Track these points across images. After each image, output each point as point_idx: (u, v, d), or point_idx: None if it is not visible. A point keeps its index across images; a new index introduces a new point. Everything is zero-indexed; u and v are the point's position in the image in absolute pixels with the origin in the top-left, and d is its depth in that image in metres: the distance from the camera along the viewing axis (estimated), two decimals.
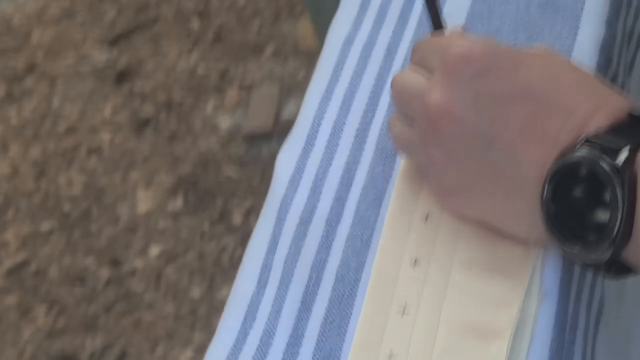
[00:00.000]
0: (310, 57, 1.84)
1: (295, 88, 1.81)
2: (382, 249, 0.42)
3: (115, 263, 1.61)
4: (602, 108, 0.35)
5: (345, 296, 0.42)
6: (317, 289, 0.43)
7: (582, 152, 0.33)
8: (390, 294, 0.41)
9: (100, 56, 2.01)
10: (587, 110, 0.35)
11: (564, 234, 0.35)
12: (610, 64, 0.49)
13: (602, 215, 0.33)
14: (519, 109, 0.36)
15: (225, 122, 1.80)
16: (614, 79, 0.50)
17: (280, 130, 1.74)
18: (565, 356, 0.39)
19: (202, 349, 1.45)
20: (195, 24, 2.02)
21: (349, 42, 0.54)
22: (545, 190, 0.35)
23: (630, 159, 0.33)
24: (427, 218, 0.42)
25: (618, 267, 0.35)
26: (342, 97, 0.51)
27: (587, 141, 0.34)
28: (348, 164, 0.47)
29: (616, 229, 0.32)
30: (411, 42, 0.52)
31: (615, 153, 0.33)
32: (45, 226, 1.71)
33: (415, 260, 0.41)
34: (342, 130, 0.49)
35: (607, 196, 0.33)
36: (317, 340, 0.41)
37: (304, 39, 1.89)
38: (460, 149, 0.37)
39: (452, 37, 0.39)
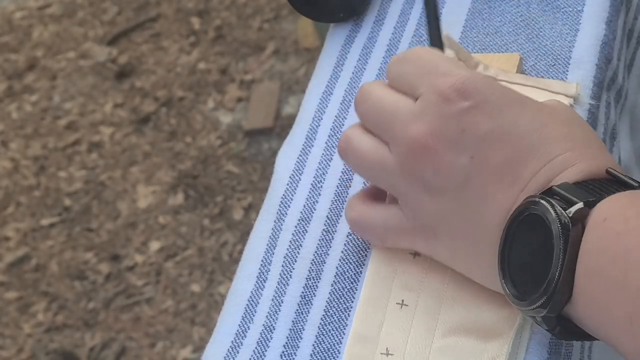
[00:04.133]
0: (311, 55, 1.84)
1: (295, 85, 1.81)
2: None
3: (115, 258, 1.62)
4: (580, 161, 0.34)
5: (345, 292, 0.42)
6: (317, 285, 0.43)
7: (540, 200, 0.32)
8: (388, 291, 0.41)
9: (101, 53, 2.01)
10: (565, 161, 0.34)
11: (515, 285, 0.34)
12: (610, 63, 0.49)
13: (544, 269, 0.32)
14: (500, 150, 0.35)
15: (225, 119, 1.80)
16: (613, 78, 0.50)
17: (280, 127, 1.74)
18: (565, 353, 0.39)
19: (201, 344, 1.45)
20: (195, 21, 2.02)
21: (349, 40, 0.54)
22: (502, 238, 0.34)
23: (583, 214, 0.31)
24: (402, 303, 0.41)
25: (568, 328, 0.33)
26: (342, 94, 0.51)
27: (550, 191, 0.33)
28: None
29: (553, 284, 0.31)
30: (411, 42, 0.52)
31: (570, 206, 0.31)
32: (45, 221, 1.71)
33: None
34: (342, 127, 0.49)
35: (549, 250, 0.31)
36: (317, 335, 0.41)
37: (304, 36, 1.89)
38: (438, 184, 0.36)
39: (445, 64, 0.37)
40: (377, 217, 0.40)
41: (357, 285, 0.42)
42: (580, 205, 0.31)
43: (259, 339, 0.42)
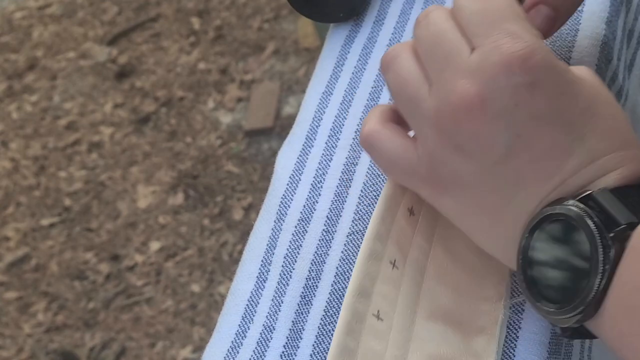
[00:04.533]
0: (311, 55, 1.84)
1: (295, 85, 1.81)
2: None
3: (115, 258, 1.62)
4: (623, 165, 0.33)
5: (345, 292, 0.42)
6: (317, 285, 0.43)
7: (575, 209, 0.31)
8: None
9: (101, 53, 2.01)
10: (608, 163, 0.33)
11: (535, 286, 0.33)
12: (610, 63, 0.49)
13: (575, 281, 0.31)
14: (548, 134, 0.33)
15: (225, 119, 1.80)
16: (613, 79, 0.50)
17: (280, 127, 1.74)
18: (564, 353, 0.39)
19: (201, 344, 1.45)
20: (195, 21, 2.02)
21: (349, 40, 0.54)
22: (526, 231, 0.33)
23: (625, 236, 0.30)
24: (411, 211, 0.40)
25: (579, 331, 0.32)
26: (342, 95, 0.51)
27: (589, 197, 0.31)
28: (348, 161, 0.47)
29: (587, 302, 0.30)
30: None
31: (614, 223, 0.30)
32: (45, 221, 1.71)
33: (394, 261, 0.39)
34: (342, 127, 0.49)
35: (586, 262, 0.30)
36: (317, 335, 0.41)
37: (304, 36, 1.89)
38: (471, 149, 0.33)
39: (518, 22, 0.34)
40: (389, 146, 0.37)
41: None
42: (623, 227, 0.30)
43: (259, 339, 0.42)
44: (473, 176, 0.34)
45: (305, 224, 0.45)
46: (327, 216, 0.45)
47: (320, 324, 0.41)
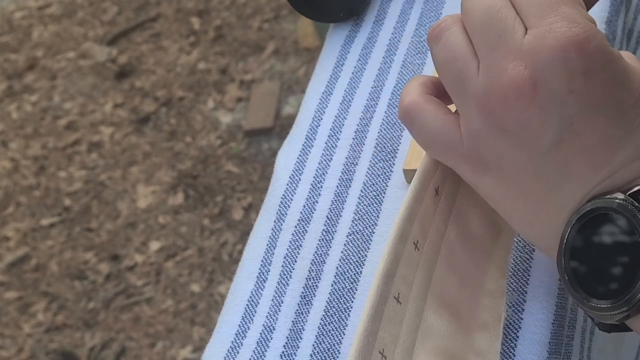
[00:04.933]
0: (311, 55, 1.84)
1: (295, 85, 1.81)
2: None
3: (115, 258, 1.62)
4: None
5: (345, 292, 0.42)
6: (317, 285, 0.43)
7: (625, 203, 0.31)
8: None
9: (100, 53, 2.01)
10: None
11: (576, 277, 0.32)
12: None
13: (620, 278, 0.31)
14: (600, 125, 0.32)
15: (225, 119, 1.80)
16: None
17: (280, 126, 1.74)
18: (564, 352, 0.39)
19: (201, 344, 1.45)
20: (195, 21, 2.02)
21: (349, 40, 0.54)
22: (573, 222, 0.32)
23: None
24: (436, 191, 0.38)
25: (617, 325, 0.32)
26: (342, 95, 0.51)
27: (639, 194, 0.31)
28: (348, 161, 0.47)
29: (636, 300, 0.30)
30: (411, 42, 0.52)
31: None
32: (45, 221, 1.71)
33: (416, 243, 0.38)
34: (342, 127, 0.49)
35: (632, 257, 0.30)
36: (317, 335, 0.41)
37: (304, 36, 1.89)
38: (520, 134, 0.32)
39: (573, 5, 0.32)
40: (431, 121, 0.36)
41: (357, 285, 0.42)
42: None
43: (259, 339, 0.42)
44: (519, 162, 0.33)
45: (305, 224, 0.45)
46: (327, 216, 0.45)
47: (320, 324, 0.41)
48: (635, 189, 0.31)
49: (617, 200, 0.31)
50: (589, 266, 0.32)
